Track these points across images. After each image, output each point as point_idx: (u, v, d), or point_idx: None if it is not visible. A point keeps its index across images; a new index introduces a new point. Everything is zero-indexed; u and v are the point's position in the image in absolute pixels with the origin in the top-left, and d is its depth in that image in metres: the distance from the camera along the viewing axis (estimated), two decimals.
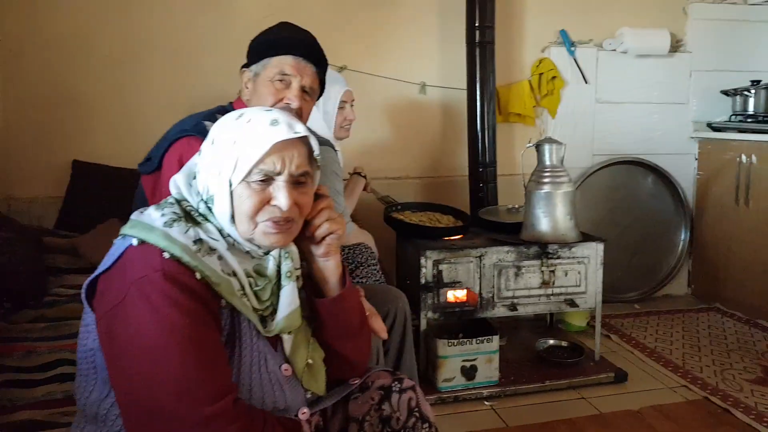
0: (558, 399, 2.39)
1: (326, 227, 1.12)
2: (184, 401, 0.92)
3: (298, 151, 1.05)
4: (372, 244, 2.30)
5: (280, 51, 1.54)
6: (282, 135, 1.03)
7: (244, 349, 1.05)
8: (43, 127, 2.74)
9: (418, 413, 1.20)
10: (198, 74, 2.86)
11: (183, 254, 0.96)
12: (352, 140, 2.59)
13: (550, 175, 2.49)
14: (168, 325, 0.93)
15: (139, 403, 0.94)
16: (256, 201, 1.03)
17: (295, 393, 1.13)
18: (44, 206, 2.70)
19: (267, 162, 1.02)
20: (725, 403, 2.32)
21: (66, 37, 2.73)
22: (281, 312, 1.07)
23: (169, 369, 0.92)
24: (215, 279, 0.99)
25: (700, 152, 3.53)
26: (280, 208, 1.04)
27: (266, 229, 1.04)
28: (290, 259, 1.09)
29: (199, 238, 1.01)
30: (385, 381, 1.23)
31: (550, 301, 2.54)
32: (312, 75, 1.56)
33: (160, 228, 0.99)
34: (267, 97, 1.54)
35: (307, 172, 1.07)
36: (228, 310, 1.03)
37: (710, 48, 3.50)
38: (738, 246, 3.28)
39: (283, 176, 1.04)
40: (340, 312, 1.17)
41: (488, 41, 2.92)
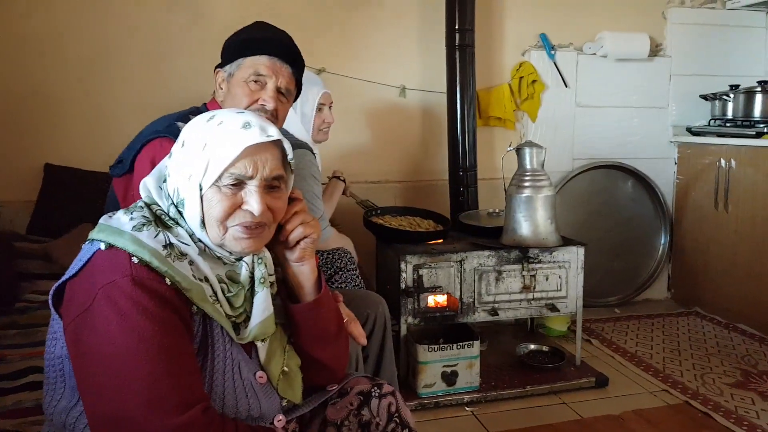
0: (539, 404, 2.37)
1: (300, 231, 1.10)
2: (152, 411, 0.89)
3: (271, 155, 1.03)
4: (351, 249, 2.27)
5: (254, 51, 1.50)
6: (254, 138, 1.00)
7: (216, 356, 1.02)
8: (14, 130, 2.68)
9: (398, 419, 1.18)
10: (171, 76, 2.81)
11: (152, 259, 0.94)
12: (331, 143, 2.56)
13: (531, 179, 2.48)
14: (137, 332, 0.90)
15: (107, 412, 0.91)
16: (226, 205, 1.00)
17: (270, 401, 1.10)
18: (16, 211, 2.63)
19: (238, 166, 1.00)
20: (705, 407, 2.31)
21: (37, 38, 2.67)
22: (255, 319, 1.05)
23: (138, 377, 0.89)
24: (186, 285, 0.96)
25: (680, 156, 3.55)
26: (252, 212, 1.01)
27: (237, 234, 1.01)
28: (264, 265, 1.06)
29: (169, 242, 0.98)
30: (365, 386, 1.22)
31: (531, 306, 2.52)
32: (288, 76, 1.53)
33: (129, 232, 0.97)
34: (241, 98, 1.51)
35: (281, 176, 1.05)
36: (200, 317, 1.00)
37: (689, 52, 3.52)
38: (717, 250, 3.30)
39: (256, 180, 1.01)
40: (315, 318, 1.14)
41: (468, 44, 2.90)
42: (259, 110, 1.50)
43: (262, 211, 1.01)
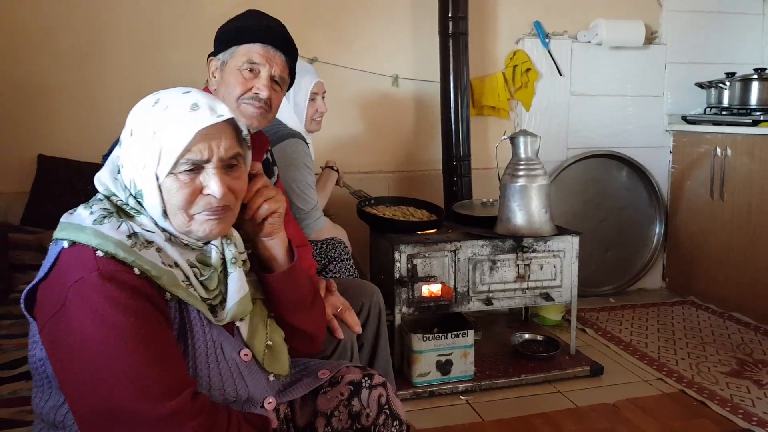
0: (534, 393, 2.37)
1: (266, 208, 1.09)
2: (140, 401, 0.89)
3: (225, 134, 1.00)
4: (345, 239, 2.26)
5: (248, 39, 1.48)
6: (205, 121, 0.97)
7: (197, 341, 1.01)
8: (7, 121, 2.66)
9: (388, 410, 1.18)
10: (164, 66, 2.78)
11: (118, 250, 0.92)
12: (324, 134, 2.54)
13: (525, 168, 2.47)
14: (113, 326, 0.89)
15: (94, 409, 0.90)
16: (187, 193, 0.98)
17: (255, 379, 1.10)
18: (9, 202, 2.62)
19: (193, 151, 0.97)
20: (701, 395, 2.31)
21: (29, 29, 2.64)
22: (231, 299, 1.04)
23: (121, 370, 0.88)
24: (155, 272, 0.94)
25: (675, 145, 3.54)
26: (215, 196, 0.99)
27: (203, 219, 1.00)
28: (233, 245, 1.05)
29: (133, 231, 0.96)
30: (355, 376, 1.21)
31: (525, 295, 2.52)
32: (282, 64, 1.51)
33: (91, 226, 0.95)
34: (235, 86, 1.49)
35: (238, 154, 1.03)
36: (175, 303, 0.99)
37: (685, 40, 3.50)
38: (713, 239, 3.30)
39: (213, 163, 0.99)
40: (292, 285, 1.15)
41: (461, 32, 2.88)
42: (253, 99, 1.49)
43: (224, 193, 0.99)
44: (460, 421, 2.15)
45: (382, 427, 1.17)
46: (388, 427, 1.17)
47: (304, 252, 1.82)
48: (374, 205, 2.67)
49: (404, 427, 1.20)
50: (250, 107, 1.49)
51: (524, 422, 2.14)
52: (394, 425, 1.18)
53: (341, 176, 2.59)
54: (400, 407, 1.21)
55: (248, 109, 1.50)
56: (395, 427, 1.18)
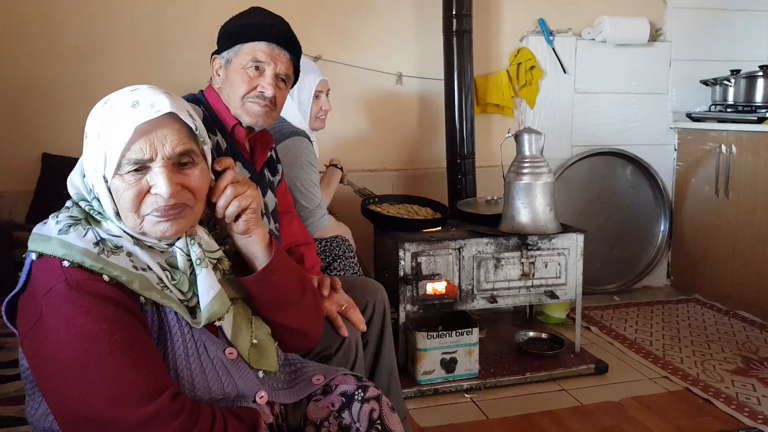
0: (538, 391, 2.36)
1: (236, 205, 1.04)
2: (118, 407, 0.89)
3: (171, 130, 0.96)
4: (349, 237, 2.26)
5: (253, 37, 1.48)
6: (142, 117, 0.93)
7: (175, 342, 1.00)
8: (12, 120, 2.67)
9: (380, 426, 1.11)
10: (166, 65, 2.79)
11: (84, 259, 0.92)
12: (328, 132, 2.54)
13: (530, 166, 2.46)
14: (85, 335, 0.89)
15: (75, 418, 0.90)
16: (133, 194, 0.95)
17: (244, 376, 1.08)
18: (14, 200, 2.63)
19: (134, 149, 0.94)
20: (706, 393, 2.30)
21: (32, 28, 2.64)
22: (202, 301, 1.01)
23: (96, 378, 0.89)
24: (126, 278, 0.94)
25: (680, 143, 3.52)
26: (162, 195, 0.95)
27: (153, 220, 0.96)
28: (197, 245, 1.01)
29: (100, 238, 0.96)
30: (349, 387, 1.16)
31: (530, 293, 2.51)
32: (286, 62, 1.51)
33: (56, 236, 0.94)
34: (240, 84, 1.49)
35: (189, 150, 0.97)
36: (151, 306, 0.98)
37: (690, 37, 3.49)
38: (717, 237, 3.28)
39: (158, 161, 0.95)
40: (270, 285, 1.10)
41: (466, 30, 2.87)
42: (258, 97, 1.48)
43: (172, 192, 0.95)
44: (465, 419, 2.15)
45: None
46: None
47: (308, 250, 1.82)
48: (378, 203, 2.67)
49: None
50: (255, 106, 1.49)
51: (529, 420, 2.14)
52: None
53: (345, 174, 2.58)
54: (396, 422, 1.14)
55: (253, 108, 1.50)
56: None
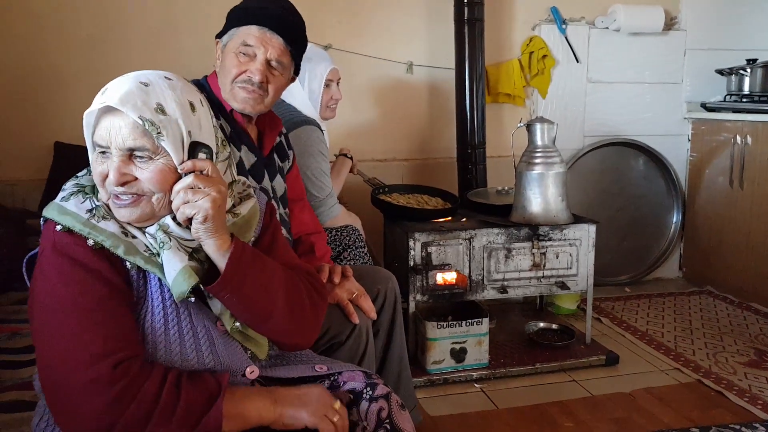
0: (549, 381, 2.36)
1: (181, 211, 1.00)
2: (66, 367, 0.94)
3: (125, 123, 0.97)
4: (359, 227, 2.26)
5: (245, 21, 1.47)
6: (93, 105, 0.99)
7: (155, 308, 1.02)
8: (24, 109, 2.68)
9: (389, 425, 1.10)
10: (177, 53, 2.78)
11: (75, 223, 0.98)
12: (338, 121, 2.53)
13: (542, 156, 2.44)
14: (54, 296, 0.96)
15: (43, 374, 0.97)
16: (97, 173, 1.01)
17: (231, 351, 1.09)
18: (27, 189, 2.65)
19: (97, 134, 0.99)
20: (719, 385, 2.29)
21: (43, 17, 2.65)
22: (168, 279, 1.00)
23: (55, 337, 0.95)
24: (112, 242, 0.99)
25: (694, 133, 3.48)
26: (111, 182, 0.99)
27: (112, 203, 1.01)
28: (161, 231, 1.02)
29: (95, 205, 1.02)
30: (357, 385, 1.14)
31: (540, 284, 2.50)
32: (279, 47, 1.48)
33: (57, 203, 1.02)
34: (230, 69, 1.48)
35: (141, 146, 0.97)
36: (136, 271, 1.02)
37: (705, 26, 3.43)
38: (731, 228, 3.25)
39: (112, 149, 0.98)
40: (229, 300, 1.04)
41: (477, 18, 2.85)
42: (246, 82, 1.48)
43: (115, 181, 0.97)
44: (475, 409, 2.15)
45: None
46: None
47: (319, 239, 1.81)
48: (388, 192, 2.66)
49: None
50: (242, 91, 1.48)
51: (539, 410, 2.13)
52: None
53: (355, 164, 2.57)
54: (406, 420, 1.13)
55: (240, 93, 1.49)
56: None
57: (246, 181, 1.20)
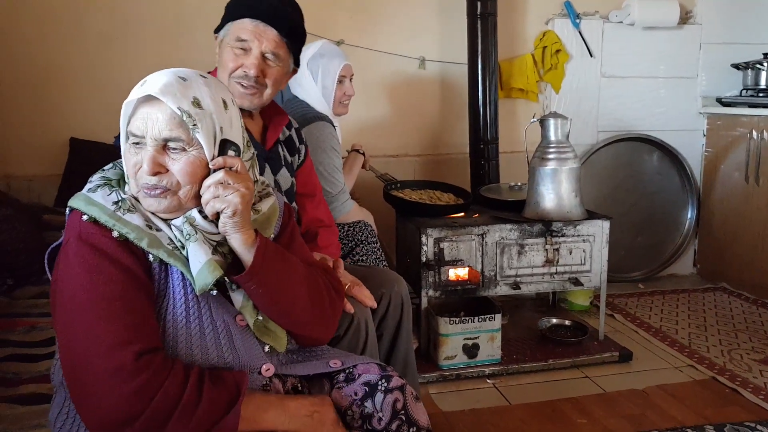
0: (561, 378, 2.35)
1: (211, 205, 1.03)
2: (89, 354, 0.94)
3: (163, 114, 1.00)
4: (371, 222, 2.26)
5: (239, 14, 1.47)
6: (132, 94, 1.02)
7: (177, 302, 1.03)
8: (40, 105, 2.70)
9: (404, 416, 1.10)
10: (189, 48, 2.79)
11: (100, 214, 1.00)
12: (350, 117, 2.53)
13: (556, 151, 2.43)
14: (78, 284, 0.97)
15: (64, 362, 0.98)
16: (131, 163, 1.03)
17: (249, 346, 1.09)
18: (43, 184, 2.68)
19: (133, 124, 1.02)
20: (733, 383, 2.27)
21: (58, 14, 2.67)
22: (193, 271, 1.02)
23: (78, 325, 0.96)
24: (136, 235, 1.00)
25: (709, 128, 3.45)
26: (144, 172, 1.01)
27: (142, 194, 1.03)
28: (188, 224, 1.04)
29: (121, 198, 1.03)
30: (372, 377, 1.15)
31: (553, 280, 2.49)
32: (274, 39, 1.47)
33: (84, 194, 1.04)
34: (227, 64, 1.48)
35: (176, 137, 1.00)
36: (159, 264, 1.03)
37: (721, 19, 3.39)
38: (746, 225, 3.22)
39: (147, 139, 1.01)
40: (254, 291, 1.07)
41: (490, 13, 2.83)
42: (242, 77, 1.47)
43: (149, 172, 1.00)
44: (487, 405, 2.15)
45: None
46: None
47: (325, 231, 1.78)
48: (400, 188, 2.66)
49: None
50: (238, 86, 1.48)
51: (552, 406, 2.13)
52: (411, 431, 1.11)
53: (367, 159, 2.57)
54: (421, 412, 1.13)
55: (237, 88, 1.48)
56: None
57: (265, 180, 1.22)
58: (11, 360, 1.68)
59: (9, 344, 1.73)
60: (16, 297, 1.97)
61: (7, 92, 2.66)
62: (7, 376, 1.63)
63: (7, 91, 2.66)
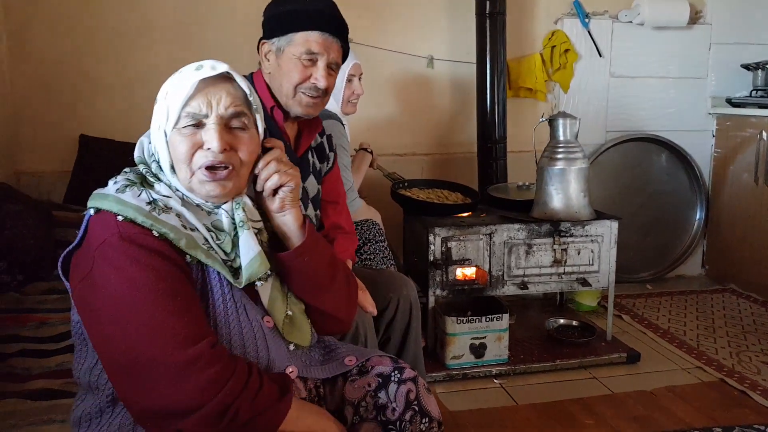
0: (569, 378, 2.35)
1: (275, 179, 1.09)
2: (159, 350, 0.94)
3: (227, 92, 1.04)
4: (379, 221, 2.26)
5: (306, 26, 1.45)
6: (202, 74, 1.03)
7: (216, 301, 1.04)
8: (50, 102, 2.72)
9: (417, 406, 1.12)
10: (201, 48, 2.80)
11: (137, 215, 0.99)
12: (358, 115, 2.53)
13: (564, 151, 2.42)
14: (134, 283, 0.95)
15: (121, 361, 0.95)
16: (188, 145, 1.02)
17: (276, 346, 1.10)
18: (53, 181, 2.70)
19: (192, 105, 1.02)
20: (742, 385, 2.26)
21: (71, 11, 2.68)
22: (243, 260, 1.05)
23: (141, 321, 0.94)
24: (175, 235, 0.99)
25: (718, 129, 3.43)
26: (213, 150, 1.02)
27: (202, 177, 1.03)
28: (242, 209, 1.07)
29: (152, 198, 1.02)
30: (385, 368, 1.17)
31: (561, 280, 2.48)
32: (338, 50, 1.49)
33: (113, 194, 1.02)
34: (293, 75, 1.47)
35: (241, 112, 1.05)
36: (195, 264, 1.03)
37: (731, 20, 3.38)
38: (755, 226, 3.20)
39: (212, 118, 1.02)
40: (302, 265, 1.13)
41: (499, 12, 2.83)
42: (311, 89, 1.47)
43: (221, 147, 1.01)
44: (494, 405, 2.15)
45: (409, 423, 1.12)
46: (416, 423, 1.12)
47: (346, 240, 1.77)
48: (408, 187, 2.66)
49: (435, 424, 1.14)
50: (307, 98, 1.48)
51: (559, 407, 2.12)
52: (423, 422, 1.12)
53: (375, 158, 2.57)
54: (433, 404, 1.15)
55: (304, 99, 1.48)
56: (424, 424, 1.13)
57: None
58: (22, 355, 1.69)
59: (19, 339, 1.74)
60: (27, 293, 1.98)
61: (18, 89, 2.68)
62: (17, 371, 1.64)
63: (18, 88, 2.68)
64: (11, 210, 2.08)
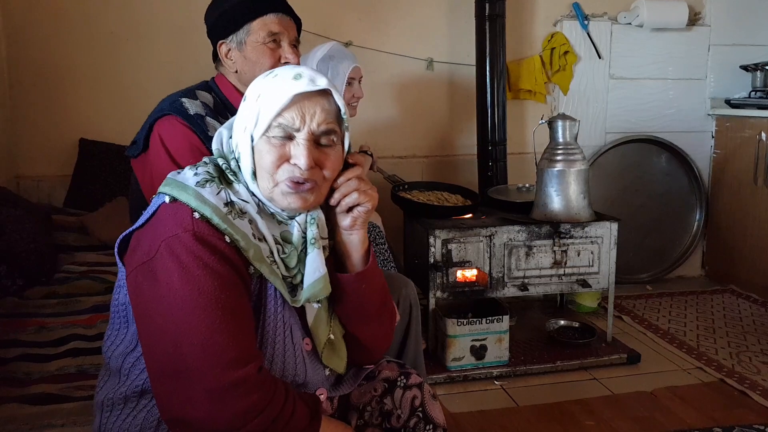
0: (569, 380, 2.35)
1: (354, 197, 1.05)
2: (208, 363, 0.90)
3: (321, 107, 1.00)
4: (380, 224, 2.27)
5: (259, 12, 1.49)
6: (301, 87, 0.98)
7: (268, 318, 1.02)
8: (49, 106, 2.72)
9: (421, 413, 1.13)
10: (202, 50, 2.74)
11: (213, 216, 0.95)
12: (358, 118, 2.54)
13: (564, 153, 2.43)
14: (197, 286, 0.91)
15: (164, 361, 0.92)
16: (275, 156, 0.99)
17: (315, 369, 1.09)
18: (52, 185, 2.70)
19: (286, 116, 0.99)
20: (742, 385, 2.26)
21: (69, 14, 2.68)
22: (307, 279, 1.03)
23: (197, 330, 0.90)
24: (245, 244, 0.96)
25: (718, 130, 3.44)
26: (299, 167, 0.98)
27: (285, 189, 0.99)
28: (316, 226, 1.04)
29: (230, 200, 0.99)
30: (392, 374, 1.17)
31: (561, 282, 2.49)
32: (294, 27, 1.54)
33: (193, 187, 0.97)
34: (263, 60, 1.49)
35: (332, 130, 1.02)
36: (256, 277, 1.00)
37: (730, 21, 3.38)
38: (755, 226, 3.20)
39: (303, 133, 0.99)
40: (358, 292, 1.10)
41: (498, 14, 2.83)
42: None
43: (309, 165, 0.98)
44: (495, 406, 2.15)
45: (413, 431, 1.13)
46: (420, 431, 1.13)
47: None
48: (408, 190, 2.66)
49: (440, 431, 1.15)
50: None
51: (560, 408, 2.13)
52: (428, 429, 1.13)
53: (375, 161, 2.58)
54: (438, 411, 1.16)
55: None
56: (428, 431, 1.13)
57: None
58: (22, 360, 1.69)
59: (19, 344, 1.74)
60: (26, 297, 1.98)
61: (17, 92, 2.68)
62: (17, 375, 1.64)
63: (18, 91, 2.68)
64: (11, 214, 2.08)
